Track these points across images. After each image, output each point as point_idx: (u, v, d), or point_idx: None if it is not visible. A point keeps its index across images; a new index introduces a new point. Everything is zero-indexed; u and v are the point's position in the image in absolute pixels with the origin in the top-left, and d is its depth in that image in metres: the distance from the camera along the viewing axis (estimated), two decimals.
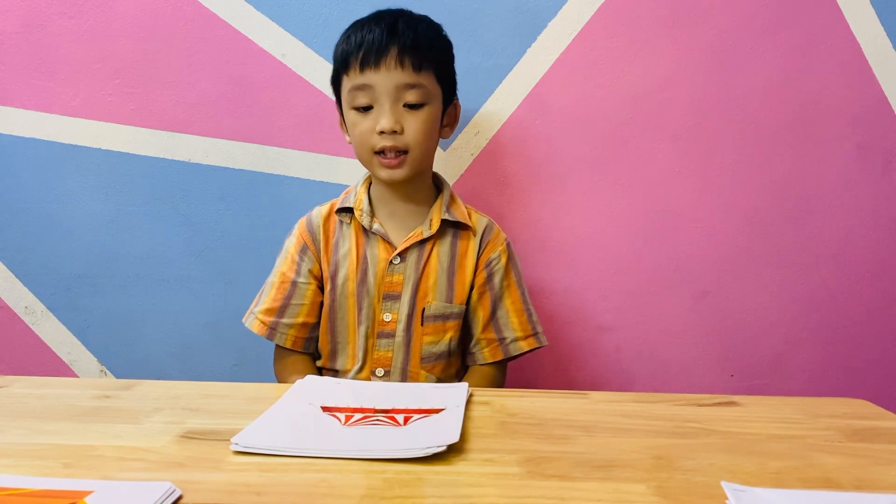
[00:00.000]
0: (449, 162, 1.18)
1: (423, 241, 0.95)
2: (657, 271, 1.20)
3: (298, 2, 1.14)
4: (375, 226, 0.95)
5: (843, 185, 1.17)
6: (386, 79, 0.88)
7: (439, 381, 0.96)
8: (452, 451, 0.53)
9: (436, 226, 0.95)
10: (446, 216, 0.96)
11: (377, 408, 0.64)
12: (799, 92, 1.15)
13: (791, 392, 1.20)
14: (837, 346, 1.21)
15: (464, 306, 0.96)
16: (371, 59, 0.88)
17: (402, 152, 0.90)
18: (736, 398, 0.70)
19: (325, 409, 0.64)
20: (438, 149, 1.17)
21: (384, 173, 0.92)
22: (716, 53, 1.14)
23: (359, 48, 0.89)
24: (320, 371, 0.99)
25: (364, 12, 0.99)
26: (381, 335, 0.95)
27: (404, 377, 0.95)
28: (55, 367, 1.23)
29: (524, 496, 0.46)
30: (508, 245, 1.00)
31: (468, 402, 0.67)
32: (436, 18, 1.00)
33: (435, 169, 1.15)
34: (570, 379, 1.22)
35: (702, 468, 0.51)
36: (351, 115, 0.92)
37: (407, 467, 0.50)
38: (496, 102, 1.16)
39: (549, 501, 0.45)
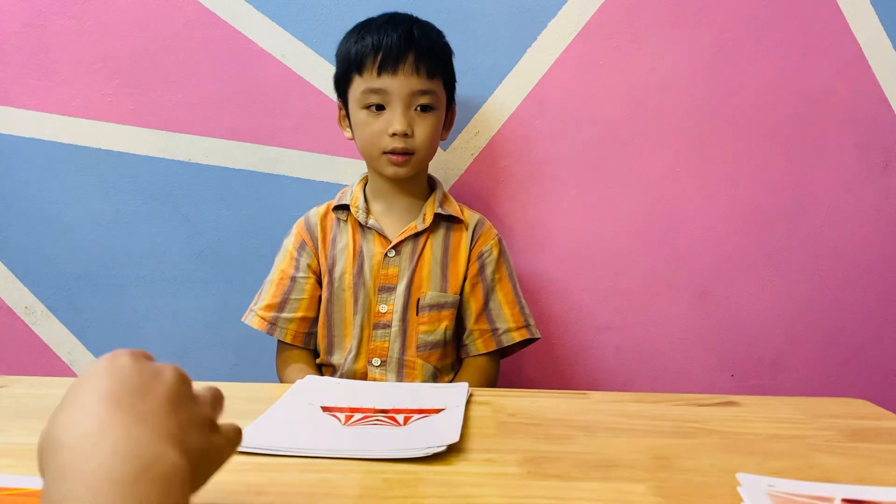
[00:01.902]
0: (449, 162, 1.18)
1: (417, 235, 0.98)
2: (657, 271, 1.20)
3: (298, 2, 1.14)
4: (371, 221, 0.98)
5: (843, 185, 1.17)
6: (402, 84, 0.92)
7: (435, 370, 0.98)
8: (452, 451, 0.53)
9: (429, 219, 0.98)
10: (439, 210, 0.99)
11: (377, 408, 0.64)
12: (799, 92, 1.15)
13: (791, 392, 1.20)
14: (837, 346, 1.21)
15: (458, 296, 0.99)
16: (389, 63, 0.91)
17: (409, 153, 0.94)
18: (736, 398, 0.70)
19: (325, 409, 0.64)
20: (438, 149, 1.17)
21: (390, 170, 0.96)
22: (716, 53, 1.14)
23: (376, 51, 0.91)
24: (319, 368, 1.00)
25: (364, 13, 1.00)
26: (377, 326, 0.97)
27: (400, 366, 0.97)
28: (55, 367, 1.23)
29: (524, 496, 0.46)
30: (500, 239, 1.03)
31: (468, 402, 0.67)
32: (436, 18, 1.01)
33: (435, 169, 1.15)
34: (570, 379, 1.22)
35: (702, 468, 0.51)
36: (361, 115, 0.95)
37: (406, 467, 0.50)
38: (496, 102, 1.16)
39: (549, 501, 0.45)
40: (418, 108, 0.94)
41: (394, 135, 0.92)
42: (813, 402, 0.70)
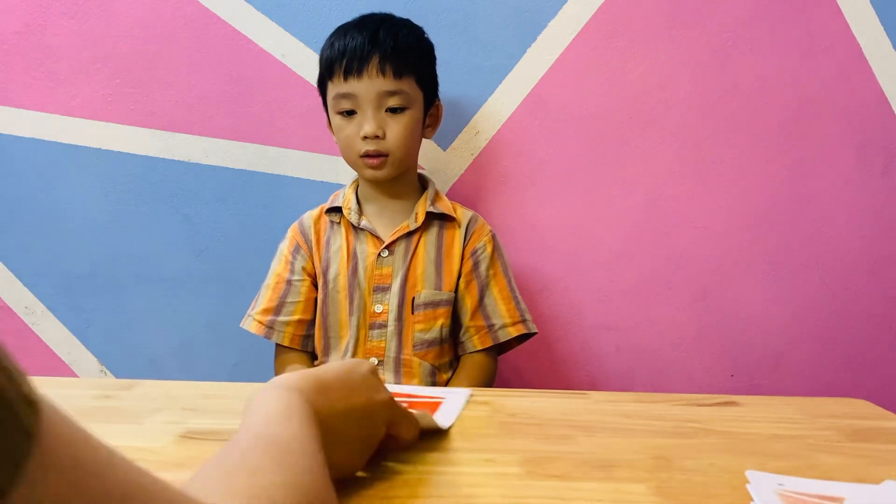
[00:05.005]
0: (449, 162, 1.18)
1: (409, 234, 0.99)
2: (657, 271, 1.20)
3: (298, 2, 1.14)
4: (363, 222, 0.99)
5: (843, 185, 1.17)
6: (368, 87, 0.92)
7: (433, 368, 0.98)
8: (453, 451, 0.53)
9: (421, 218, 0.98)
10: (431, 209, 0.99)
11: None
12: (799, 92, 1.15)
13: (791, 392, 1.20)
14: (837, 346, 1.21)
15: (453, 293, 0.99)
16: (353, 67, 0.91)
17: (383, 155, 0.94)
18: (736, 398, 0.70)
19: None
20: (438, 149, 1.17)
21: (368, 173, 0.97)
22: (716, 53, 1.14)
23: (342, 56, 0.92)
24: None
25: (363, 13, 1.00)
26: (373, 326, 0.97)
27: (398, 366, 0.97)
28: (55, 367, 1.23)
29: (524, 496, 0.46)
30: (493, 236, 1.03)
31: (468, 402, 0.67)
32: (436, 19, 1.01)
33: (435, 169, 1.15)
34: (570, 379, 1.22)
35: (702, 468, 0.51)
36: (336, 120, 0.96)
37: (407, 467, 0.50)
38: (496, 102, 1.16)
39: (549, 501, 0.45)
40: (389, 110, 0.93)
41: (365, 138, 0.93)
42: (813, 402, 0.70)
